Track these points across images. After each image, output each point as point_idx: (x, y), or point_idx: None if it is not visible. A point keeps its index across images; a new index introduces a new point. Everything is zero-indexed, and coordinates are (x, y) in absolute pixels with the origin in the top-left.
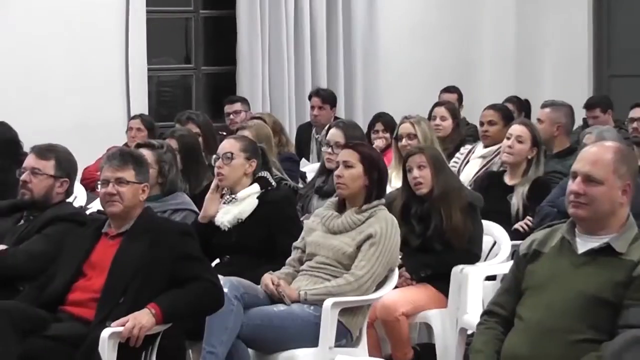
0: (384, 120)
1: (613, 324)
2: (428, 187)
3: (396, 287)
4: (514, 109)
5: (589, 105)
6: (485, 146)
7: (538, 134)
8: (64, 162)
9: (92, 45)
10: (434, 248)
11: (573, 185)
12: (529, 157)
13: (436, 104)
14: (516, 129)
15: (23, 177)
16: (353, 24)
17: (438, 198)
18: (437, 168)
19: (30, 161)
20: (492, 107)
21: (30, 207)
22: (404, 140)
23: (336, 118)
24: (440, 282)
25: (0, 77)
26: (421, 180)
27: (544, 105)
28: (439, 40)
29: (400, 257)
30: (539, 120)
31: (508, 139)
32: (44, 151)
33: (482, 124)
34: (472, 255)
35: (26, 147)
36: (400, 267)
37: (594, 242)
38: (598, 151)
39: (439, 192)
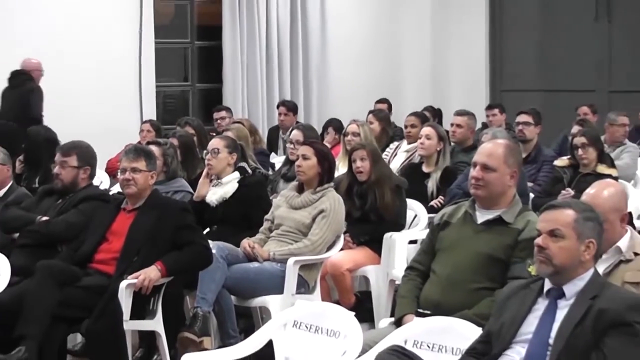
0: (333, 124)
1: (504, 276)
2: (367, 175)
3: (342, 249)
4: (430, 116)
5: (490, 107)
6: (409, 143)
7: (442, 131)
8: (85, 154)
9: (113, 67)
10: (370, 219)
11: (473, 172)
12: (438, 149)
13: (369, 112)
14: (425, 130)
15: (55, 170)
16: (310, 51)
17: (373, 182)
18: (374, 160)
19: (58, 157)
20: (413, 114)
21: (63, 192)
22: (349, 136)
23: (297, 122)
24: (375, 245)
25: (49, 95)
26: (362, 170)
27: (460, 114)
28: (375, 63)
29: (345, 225)
30: (458, 125)
31: (420, 138)
32: (67, 149)
33: (405, 127)
34: (399, 225)
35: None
36: (345, 233)
37: (489, 215)
38: (492, 146)
39: (375, 178)
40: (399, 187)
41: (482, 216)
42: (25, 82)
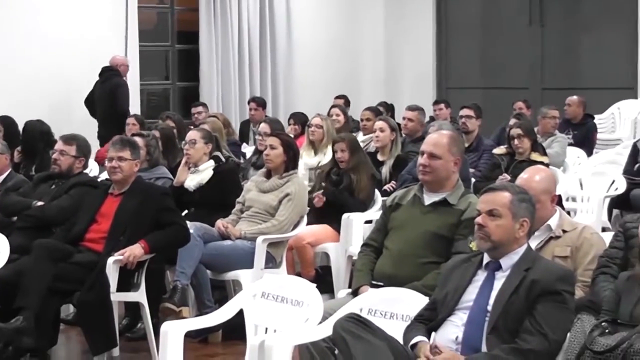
0: (296, 118)
1: (448, 251)
2: (346, 164)
3: (312, 204)
4: (384, 110)
5: (437, 102)
6: (364, 135)
7: (393, 123)
8: (82, 147)
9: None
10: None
11: (421, 160)
12: (392, 139)
13: (332, 106)
14: (378, 124)
15: (54, 156)
16: (277, 52)
17: (350, 169)
18: (352, 150)
19: (59, 145)
20: (368, 108)
21: (59, 177)
22: (313, 128)
23: (266, 116)
24: (336, 224)
25: (44, 93)
26: (342, 159)
27: (411, 109)
28: (335, 63)
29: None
30: (409, 119)
31: (374, 131)
32: (69, 139)
33: (361, 120)
34: (365, 206)
35: (56, 136)
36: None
37: (435, 197)
38: (438, 137)
39: (352, 165)
40: (374, 177)
41: (429, 198)
42: (112, 77)
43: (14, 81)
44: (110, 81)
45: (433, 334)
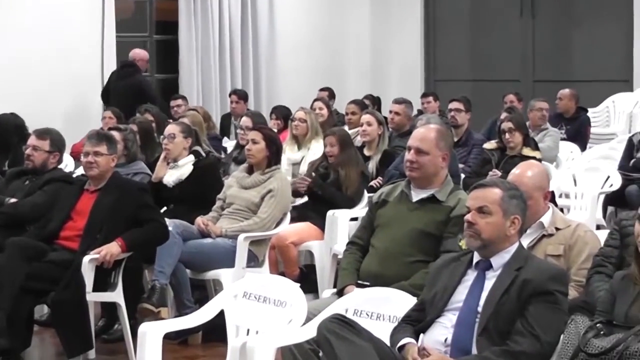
0: (277, 111)
1: (437, 249)
2: (335, 159)
3: (297, 190)
4: (370, 103)
5: (425, 95)
6: (350, 129)
7: (380, 117)
8: (56, 141)
9: (77, 60)
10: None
11: (408, 155)
12: (379, 133)
13: (315, 100)
14: (365, 117)
15: (27, 152)
16: (259, 43)
17: (339, 163)
18: (342, 146)
19: (32, 141)
20: (353, 102)
21: (32, 173)
22: (296, 122)
23: (248, 109)
24: (320, 221)
25: (18, 84)
26: (331, 154)
27: (398, 102)
28: (319, 54)
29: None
30: (396, 113)
31: (361, 125)
32: (42, 133)
33: (346, 113)
34: (353, 203)
35: (30, 130)
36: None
37: (423, 194)
38: (425, 131)
39: (341, 160)
40: (363, 174)
41: (417, 195)
42: (133, 73)
43: None
44: (132, 78)
45: (421, 335)
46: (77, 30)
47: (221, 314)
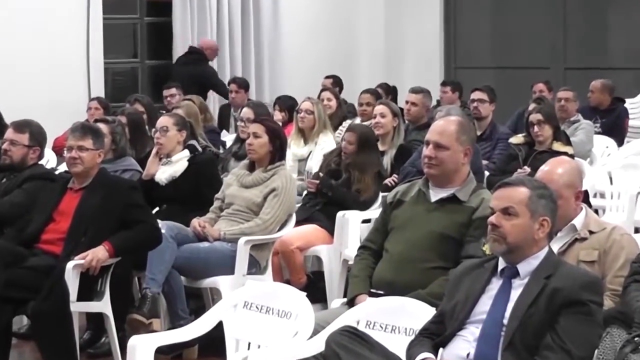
0: (281, 102)
1: (457, 255)
2: (350, 158)
3: (305, 192)
4: (383, 93)
5: (444, 84)
6: (363, 121)
7: (395, 107)
8: (37, 135)
9: (60, 43)
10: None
11: (426, 151)
12: (394, 125)
13: (322, 89)
14: (378, 108)
15: (4, 146)
16: (262, 26)
17: (352, 165)
18: (362, 147)
19: (9, 134)
20: (368, 91)
21: (10, 169)
22: (302, 114)
23: (249, 99)
24: (328, 223)
25: None
26: (346, 151)
27: (415, 92)
28: (327, 37)
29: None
30: (412, 103)
31: (374, 117)
32: (20, 126)
33: (360, 104)
34: (365, 205)
35: (8, 122)
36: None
37: (443, 193)
38: (444, 124)
39: (355, 162)
40: (379, 174)
41: (435, 194)
42: (199, 62)
43: None
44: (198, 66)
45: (440, 350)
46: (60, 11)
47: (219, 326)
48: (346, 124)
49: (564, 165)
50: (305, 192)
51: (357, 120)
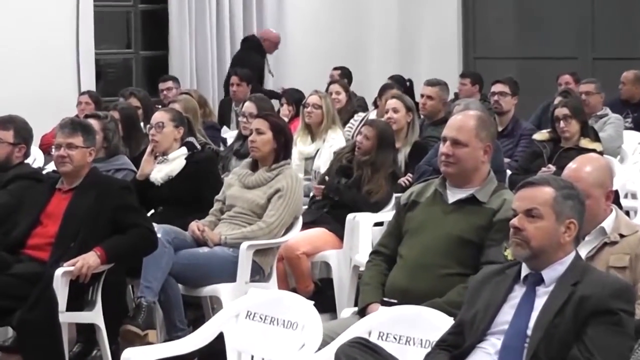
0: (287, 96)
1: (477, 260)
2: (364, 153)
3: (312, 194)
4: (397, 86)
5: (463, 75)
6: (377, 116)
7: (409, 101)
8: (22, 131)
9: (48, 33)
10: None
11: (443, 148)
12: (408, 121)
13: (330, 82)
14: (390, 102)
15: None
16: (265, 13)
17: (366, 162)
18: (379, 145)
19: None
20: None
21: None
22: (309, 108)
23: (251, 93)
24: (337, 227)
25: None
26: (361, 146)
27: (431, 84)
28: (336, 26)
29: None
30: (428, 97)
31: (387, 112)
32: (4, 122)
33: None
34: (377, 207)
35: None
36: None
37: (461, 194)
38: (462, 119)
39: (369, 160)
40: (394, 174)
41: (453, 195)
42: (249, 52)
43: None
44: (249, 56)
45: None
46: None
47: (220, 338)
48: (358, 117)
49: (593, 162)
50: (312, 194)
51: (372, 114)
